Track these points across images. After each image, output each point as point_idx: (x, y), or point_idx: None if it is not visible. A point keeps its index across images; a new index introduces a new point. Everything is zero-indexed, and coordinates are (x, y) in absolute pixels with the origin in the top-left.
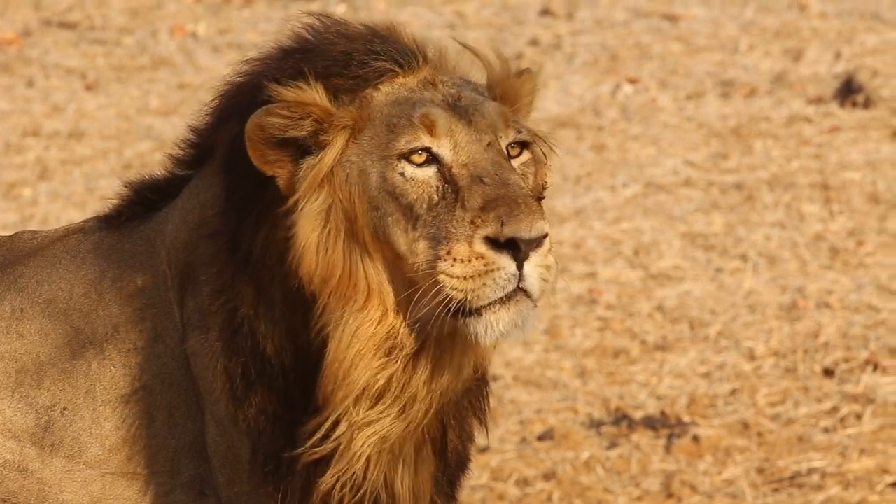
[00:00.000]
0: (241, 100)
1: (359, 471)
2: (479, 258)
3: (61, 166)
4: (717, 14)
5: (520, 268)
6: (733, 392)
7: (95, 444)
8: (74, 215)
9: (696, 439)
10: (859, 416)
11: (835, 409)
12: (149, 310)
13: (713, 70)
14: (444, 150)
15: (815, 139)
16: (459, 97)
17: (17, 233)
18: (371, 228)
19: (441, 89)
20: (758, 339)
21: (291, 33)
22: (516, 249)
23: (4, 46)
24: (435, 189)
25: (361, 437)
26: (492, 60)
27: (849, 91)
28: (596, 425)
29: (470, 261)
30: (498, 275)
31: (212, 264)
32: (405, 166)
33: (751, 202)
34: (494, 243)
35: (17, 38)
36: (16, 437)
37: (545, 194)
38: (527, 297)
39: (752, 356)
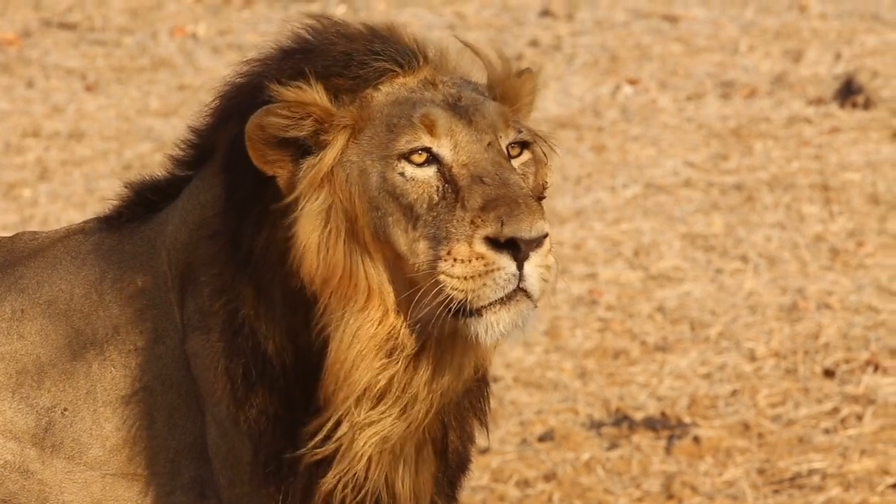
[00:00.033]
0: (242, 100)
1: (360, 471)
2: (479, 258)
3: (61, 167)
4: (717, 15)
5: (520, 268)
6: (734, 393)
7: (96, 445)
8: (74, 216)
9: (696, 440)
10: (860, 417)
11: (835, 410)
12: (149, 311)
13: (713, 71)
14: (444, 150)
15: (815, 140)
16: (460, 97)
17: (18, 234)
18: (371, 228)
19: (441, 89)
20: (758, 340)
21: (291, 34)
22: (516, 249)
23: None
24: (435, 189)
25: (363, 438)
26: (492, 60)
27: (849, 92)
28: (596, 426)
29: (470, 261)
30: (498, 275)
31: (212, 265)
32: (405, 166)
33: (751, 203)
34: (494, 243)
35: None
36: (16, 438)
37: (545, 194)
38: (527, 298)
39: (752, 357)
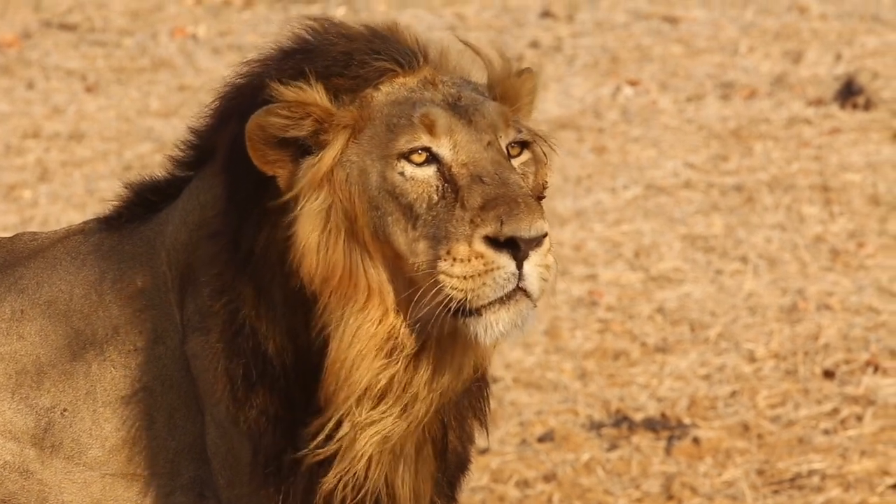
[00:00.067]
0: (242, 101)
1: (360, 471)
2: (478, 257)
3: (61, 168)
4: (718, 16)
5: (519, 267)
6: (733, 394)
7: (95, 445)
8: (74, 217)
9: (696, 441)
10: (860, 418)
11: (835, 411)
12: (149, 311)
13: (713, 72)
14: (443, 149)
15: (816, 141)
16: (459, 97)
17: (18, 234)
18: (371, 228)
19: (441, 89)
20: (758, 341)
21: (291, 34)
22: (516, 249)
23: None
24: (434, 188)
25: (364, 437)
26: (493, 60)
27: (849, 93)
28: (596, 427)
29: (470, 260)
30: (497, 274)
31: (212, 265)
32: (405, 166)
33: (751, 204)
34: (494, 242)
35: (17, 39)
36: (16, 438)
37: (545, 194)
38: (526, 297)
39: (752, 358)
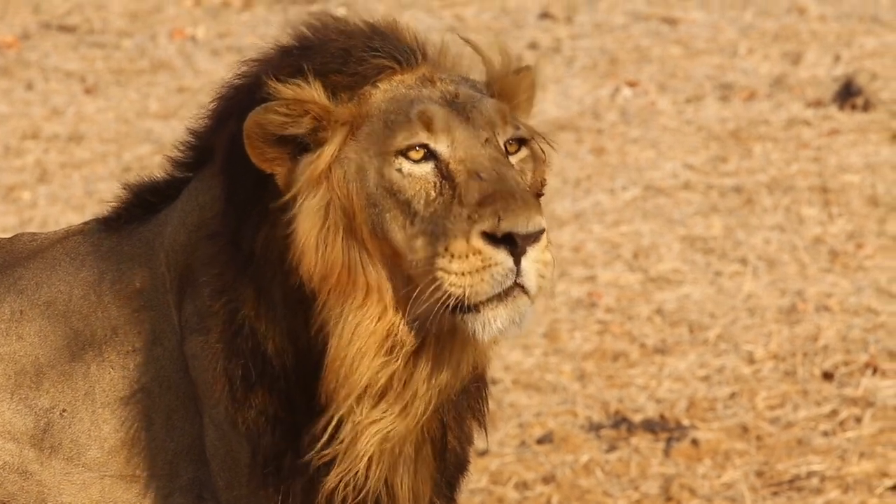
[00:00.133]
0: (240, 100)
1: (361, 471)
2: (476, 254)
3: (60, 169)
4: (717, 17)
5: (517, 263)
6: (732, 395)
7: (94, 446)
8: (73, 218)
9: (695, 443)
10: (859, 420)
11: (834, 413)
12: (147, 312)
13: (712, 73)
14: (441, 146)
15: (815, 142)
16: (457, 94)
17: (17, 235)
18: (369, 225)
19: (439, 86)
20: (757, 343)
21: (291, 31)
22: (513, 245)
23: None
24: (432, 185)
25: (366, 437)
26: (491, 57)
27: (848, 94)
28: (595, 429)
29: (467, 256)
30: (495, 270)
31: (212, 265)
32: (402, 162)
33: (750, 205)
34: (492, 238)
35: (16, 41)
36: (15, 439)
37: (544, 191)
38: (524, 294)
39: (751, 359)
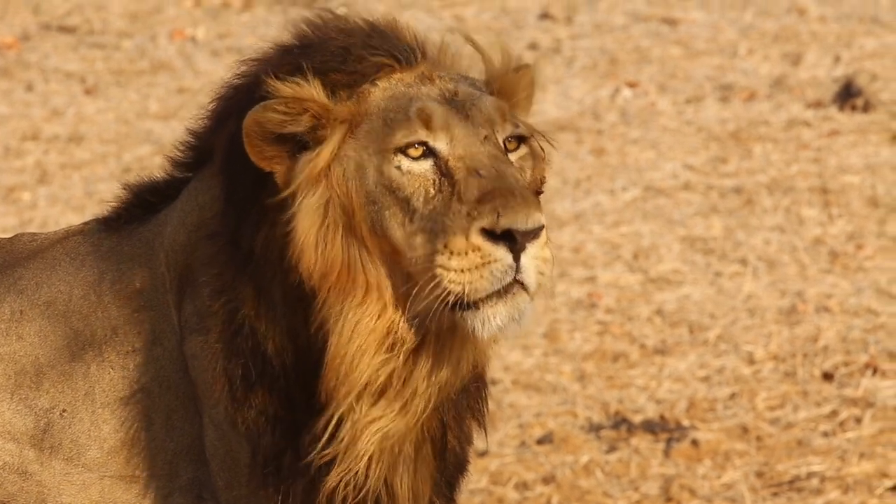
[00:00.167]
0: (239, 100)
1: (361, 470)
2: (475, 250)
3: (60, 170)
4: (717, 18)
5: (517, 260)
6: (732, 396)
7: (94, 446)
8: (73, 219)
9: (695, 443)
10: (859, 420)
11: (834, 413)
12: (147, 312)
13: (712, 74)
14: (440, 143)
15: (815, 143)
16: (456, 92)
17: (17, 235)
18: (369, 223)
19: (438, 84)
20: (757, 343)
21: (291, 30)
22: (513, 241)
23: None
24: (431, 182)
25: (366, 435)
26: (491, 55)
27: (848, 95)
28: (595, 429)
29: (467, 253)
30: (495, 267)
31: (211, 265)
32: (402, 160)
33: (750, 206)
34: (491, 235)
35: (16, 42)
36: (15, 439)
37: (543, 189)
38: (524, 290)
39: (751, 360)
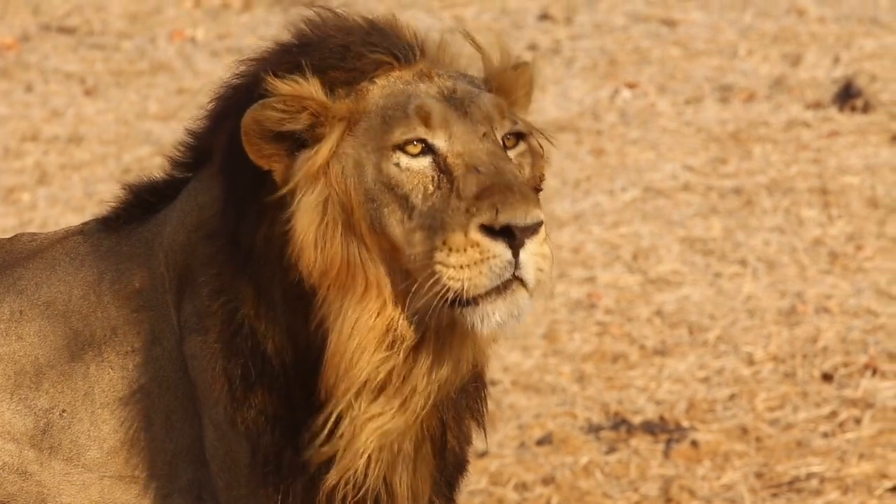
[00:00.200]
0: (238, 99)
1: (361, 468)
2: (474, 247)
3: (60, 171)
4: (716, 19)
5: (515, 255)
6: (732, 397)
7: (94, 446)
8: (73, 220)
9: (694, 444)
10: (858, 421)
11: (834, 414)
12: (146, 312)
13: (712, 75)
14: (439, 140)
15: (814, 144)
16: (455, 89)
17: (17, 235)
18: (368, 220)
19: (437, 81)
20: (757, 344)
21: (290, 28)
22: (511, 237)
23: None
24: (430, 179)
25: (365, 433)
26: (490, 53)
27: (847, 95)
28: (595, 430)
29: (465, 250)
30: (494, 262)
31: (211, 265)
32: (400, 157)
33: (750, 207)
34: (490, 231)
35: (15, 43)
36: (14, 439)
37: (542, 186)
38: (522, 287)
39: (750, 361)
